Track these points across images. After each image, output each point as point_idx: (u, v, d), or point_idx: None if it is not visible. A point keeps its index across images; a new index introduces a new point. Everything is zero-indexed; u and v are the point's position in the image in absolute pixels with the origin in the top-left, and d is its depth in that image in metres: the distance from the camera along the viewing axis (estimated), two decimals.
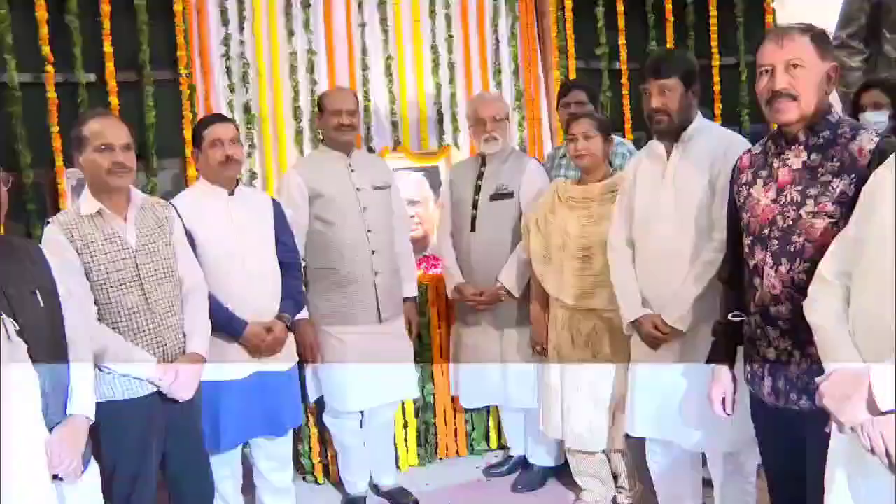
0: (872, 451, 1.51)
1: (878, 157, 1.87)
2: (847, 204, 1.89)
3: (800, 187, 2.00)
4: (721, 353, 2.32)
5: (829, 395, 1.57)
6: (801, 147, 2.03)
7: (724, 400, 2.32)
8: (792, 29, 2.01)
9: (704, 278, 2.52)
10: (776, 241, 2.03)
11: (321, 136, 3.45)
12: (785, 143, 2.06)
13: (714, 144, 2.57)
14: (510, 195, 3.38)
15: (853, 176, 1.91)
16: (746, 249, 2.14)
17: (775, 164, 2.08)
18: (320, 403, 3.43)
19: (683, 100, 2.57)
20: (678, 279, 2.58)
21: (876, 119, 3.08)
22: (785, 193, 2.03)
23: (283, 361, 2.99)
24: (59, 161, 3.31)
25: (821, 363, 1.85)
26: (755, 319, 2.11)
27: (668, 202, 2.61)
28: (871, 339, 1.57)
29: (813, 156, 2.01)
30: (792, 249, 1.99)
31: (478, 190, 3.43)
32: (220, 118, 3.06)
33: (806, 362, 1.98)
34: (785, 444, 2.09)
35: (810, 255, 1.94)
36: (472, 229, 3.41)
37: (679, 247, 2.58)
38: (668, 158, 2.64)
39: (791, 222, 2.00)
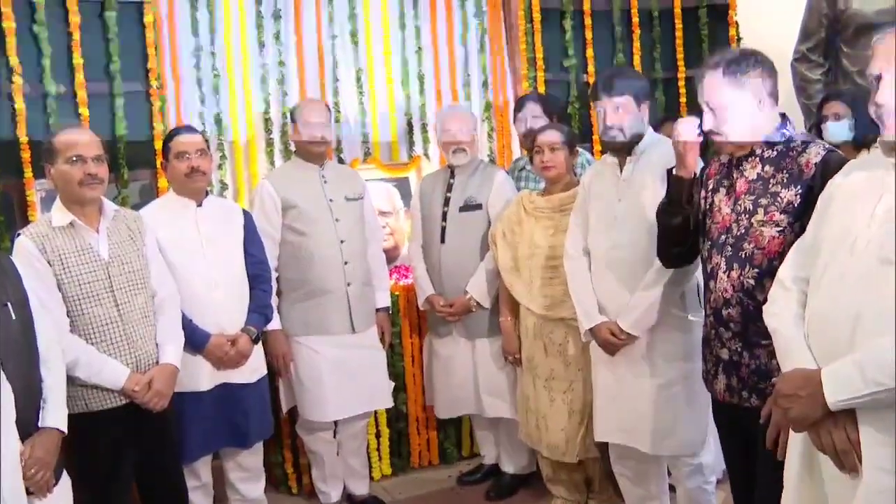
0: (823, 450, 1.57)
1: (822, 169, 1.99)
2: (793, 213, 2.02)
3: (752, 197, 2.11)
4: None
5: (783, 396, 1.64)
6: (757, 159, 2.14)
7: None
8: (706, 68, 2.14)
9: (657, 285, 2.62)
10: (730, 248, 2.14)
11: (293, 148, 3.45)
12: (744, 154, 2.17)
13: (665, 159, 2.64)
14: (479, 207, 3.41)
15: (799, 187, 2.03)
16: (705, 253, 2.25)
17: (734, 175, 2.19)
18: (293, 414, 3.43)
19: (636, 116, 2.66)
20: (632, 287, 2.67)
21: (836, 130, 3.17)
22: (740, 203, 2.14)
23: (249, 373, 2.99)
24: (29, 172, 3.28)
25: (769, 364, 2.00)
26: (710, 321, 2.22)
27: (622, 213, 2.71)
28: (823, 341, 1.64)
29: (766, 167, 2.12)
30: (742, 256, 2.10)
31: (447, 202, 3.45)
32: (187, 129, 3.04)
33: (755, 363, 2.09)
34: (741, 442, 2.18)
35: (759, 262, 2.07)
36: (442, 241, 3.44)
37: (633, 255, 2.68)
38: (620, 172, 2.73)
39: (743, 230, 2.11)
